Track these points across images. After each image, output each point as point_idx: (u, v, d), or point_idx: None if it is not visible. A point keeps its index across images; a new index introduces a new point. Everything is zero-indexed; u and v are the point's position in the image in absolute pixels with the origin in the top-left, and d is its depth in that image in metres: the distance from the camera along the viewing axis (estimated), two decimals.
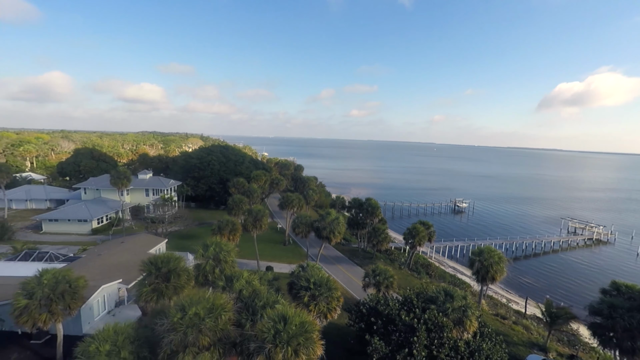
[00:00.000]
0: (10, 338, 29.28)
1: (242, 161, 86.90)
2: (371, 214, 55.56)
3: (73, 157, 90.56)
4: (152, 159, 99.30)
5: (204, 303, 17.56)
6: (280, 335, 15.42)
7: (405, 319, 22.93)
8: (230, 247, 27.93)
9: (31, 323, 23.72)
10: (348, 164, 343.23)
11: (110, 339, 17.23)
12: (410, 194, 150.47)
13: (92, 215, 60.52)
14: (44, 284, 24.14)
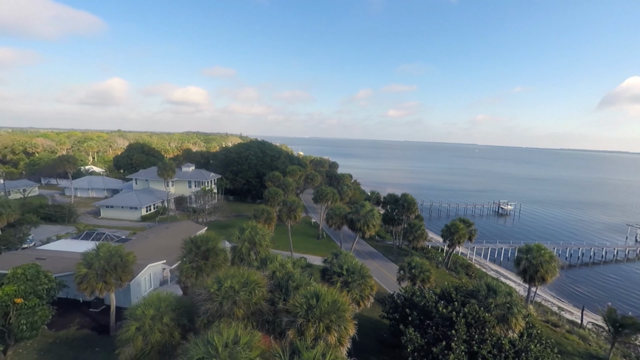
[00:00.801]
0: (74, 305, 32.72)
1: (278, 156, 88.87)
2: (407, 210, 53.73)
3: (126, 152, 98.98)
4: (195, 154, 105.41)
5: (239, 277, 18.07)
6: (313, 311, 15.35)
7: (442, 311, 21.76)
8: (265, 232, 28.53)
9: (89, 290, 26.17)
10: (383, 164, 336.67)
11: (155, 305, 18.40)
12: (449, 195, 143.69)
13: (142, 204, 65.48)
14: (101, 256, 26.51)
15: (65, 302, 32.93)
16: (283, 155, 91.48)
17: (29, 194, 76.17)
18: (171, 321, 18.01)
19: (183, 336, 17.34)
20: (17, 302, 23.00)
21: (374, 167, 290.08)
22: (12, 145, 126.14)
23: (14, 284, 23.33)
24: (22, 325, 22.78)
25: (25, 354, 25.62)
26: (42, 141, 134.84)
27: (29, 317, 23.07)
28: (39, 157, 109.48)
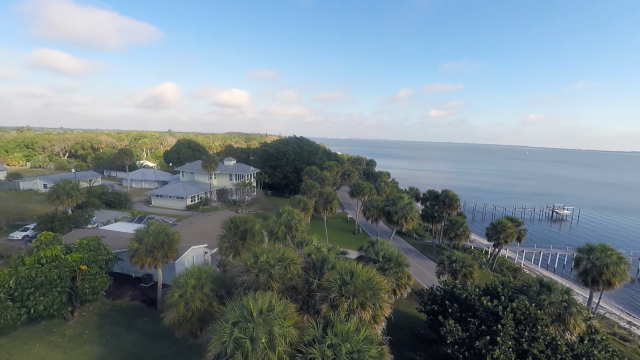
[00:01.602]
0: (128, 279, 35.84)
1: (316, 152, 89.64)
2: (448, 206, 50.98)
3: (175, 147, 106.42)
4: (236, 149, 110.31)
5: (274, 253, 18.33)
6: (347, 287, 15.06)
7: (487, 304, 20.20)
8: (302, 217, 28.75)
9: (140, 264, 28.34)
10: (423, 164, 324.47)
11: (196, 275, 19.35)
12: (495, 197, 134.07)
13: (187, 194, 69.78)
14: (150, 233, 28.59)
15: (121, 276, 36.21)
16: (320, 151, 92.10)
17: (94, 183, 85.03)
18: (210, 291, 18.80)
19: (220, 306, 17.99)
20: (82, 268, 25.64)
21: (413, 167, 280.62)
22: (82, 142, 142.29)
23: (80, 252, 26.03)
24: (86, 289, 25.35)
25: (87, 317, 28.47)
26: (105, 138, 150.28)
27: (91, 282, 25.61)
28: (103, 152, 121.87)
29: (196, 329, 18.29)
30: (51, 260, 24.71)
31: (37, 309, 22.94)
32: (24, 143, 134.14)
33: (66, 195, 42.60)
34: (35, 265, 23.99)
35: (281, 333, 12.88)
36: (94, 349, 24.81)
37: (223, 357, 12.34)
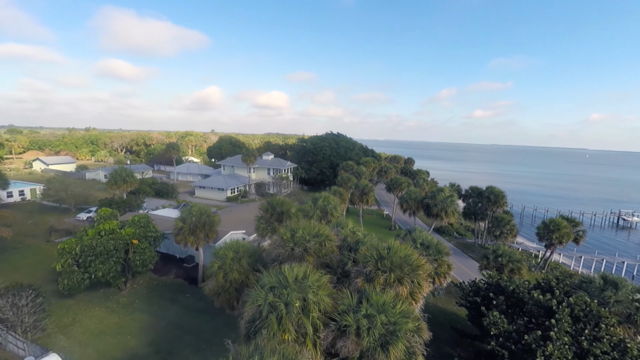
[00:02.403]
0: (172, 259, 38.31)
1: (352, 148, 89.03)
2: (494, 203, 47.49)
3: (217, 143, 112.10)
4: (274, 145, 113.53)
5: (310, 229, 18.35)
6: (383, 262, 14.60)
7: (538, 297, 18.43)
8: (338, 203, 28.56)
9: (183, 242, 30.06)
10: (465, 166, 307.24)
11: (234, 249, 20.03)
12: (547, 201, 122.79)
13: (227, 186, 72.96)
14: (193, 214, 30.19)
15: (167, 256, 38.78)
16: (357, 147, 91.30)
17: (145, 175, 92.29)
18: (247, 265, 19.34)
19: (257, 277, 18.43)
20: (134, 242, 27.82)
21: (453, 168, 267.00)
22: (136, 139, 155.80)
23: (132, 227, 28.29)
24: (137, 261, 27.43)
25: (138, 289, 30.85)
26: (156, 136, 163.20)
27: (141, 255, 27.69)
28: (154, 148, 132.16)
29: (233, 299, 18.91)
30: (109, 233, 27.15)
31: (97, 274, 25.30)
32: (90, 140, 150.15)
33: (122, 181, 46.68)
34: (95, 237, 26.53)
35: (315, 300, 12.80)
36: (143, 316, 26.82)
37: (258, 319, 12.55)
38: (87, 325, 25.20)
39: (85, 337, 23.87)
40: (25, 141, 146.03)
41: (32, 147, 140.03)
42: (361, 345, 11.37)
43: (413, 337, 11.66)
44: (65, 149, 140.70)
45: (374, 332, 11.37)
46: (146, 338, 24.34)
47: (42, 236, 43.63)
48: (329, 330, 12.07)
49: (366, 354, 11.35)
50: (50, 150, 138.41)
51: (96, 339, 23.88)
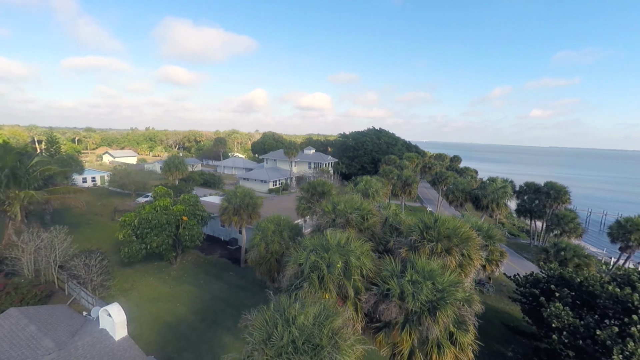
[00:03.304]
0: (218, 241, 40.37)
1: (395, 143, 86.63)
2: (554, 199, 42.66)
3: (261, 139, 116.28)
4: (315, 141, 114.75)
5: (352, 203, 18.00)
6: (430, 232, 13.75)
7: (614, 291, 16.08)
8: (379, 187, 27.80)
9: (228, 222, 31.39)
10: (519, 168, 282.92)
11: (275, 222, 20.35)
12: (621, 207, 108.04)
13: (270, 178, 75.14)
14: (238, 195, 31.42)
15: (212, 238, 40.99)
16: (400, 143, 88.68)
17: (195, 167, 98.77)
18: (288, 237, 19.52)
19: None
20: (184, 219, 29.67)
21: (505, 170, 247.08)
22: (188, 136, 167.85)
23: (183, 205, 30.23)
24: (186, 236, 29.22)
25: (186, 264, 32.93)
26: (205, 133, 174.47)
27: (190, 231, 29.44)
28: (203, 144, 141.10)
29: (274, 270, 19.20)
30: (163, 209, 29.30)
31: (152, 245, 27.42)
32: (149, 137, 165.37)
33: (175, 168, 50.34)
34: (151, 211, 28.78)
35: (357, 265, 12.44)
36: (190, 288, 28.53)
37: (299, 278, 12.51)
38: (143, 291, 27.44)
39: (142, 301, 25.99)
40: (98, 138, 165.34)
41: (102, 144, 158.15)
42: (405, 309, 10.76)
43: (463, 306, 10.76)
44: (128, 145, 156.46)
45: (419, 297, 10.69)
46: (193, 307, 25.84)
47: (108, 215, 48.62)
48: (371, 293, 11.64)
49: (411, 319, 10.71)
50: (117, 146, 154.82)
51: (150, 303, 25.89)
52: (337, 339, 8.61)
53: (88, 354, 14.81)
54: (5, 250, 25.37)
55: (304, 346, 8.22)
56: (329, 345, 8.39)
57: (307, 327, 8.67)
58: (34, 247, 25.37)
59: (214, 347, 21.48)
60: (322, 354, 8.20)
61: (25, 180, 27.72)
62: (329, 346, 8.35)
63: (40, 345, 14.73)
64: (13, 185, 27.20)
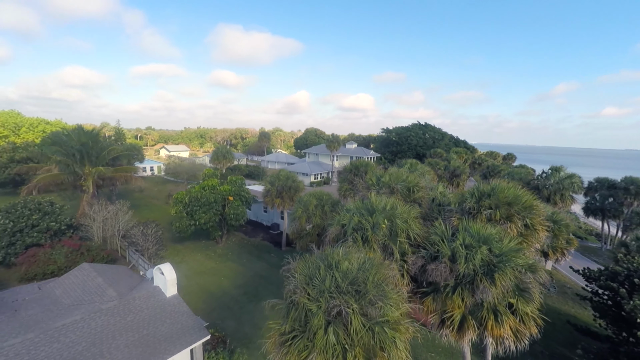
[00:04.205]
0: (260, 226, 41.64)
1: (441, 138, 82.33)
2: (635, 196, 37.08)
3: (304, 135, 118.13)
4: (358, 137, 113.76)
5: (397, 176, 17.22)
6: (487, 200, 12.54)
7: None
8: (425, 170, 26.41)
9: (271, 203, 32.11)
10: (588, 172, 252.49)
11: (318, 197, 20.24)
12: None
13: (311, 171, 75.81)
14: (281, 178, 32.01)
15: (256, 223, 42.35)
16: (447, 138, 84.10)
17: (240, 162, 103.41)
18: (330, 212, 19.27)
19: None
20: (230, 199, 30.93)
21: None
22: (235, 133, 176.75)
23: (229, 185, 31.57)
24: (231, 215, 30.43)
25: (231, 244, 34.36)
26: (250, 130, 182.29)
27: (235, 210, 30.61)
28: (248, 140, 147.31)
29: (315, 244, 19.06)
30: (211, 189, 30.85)
31: (200, 221, 28.98)
32: (200, 135, 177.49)
33: (222, 157, 53.07)
34: (200, 190, 30.46)
35: (404, 228, 11.76)
36: (234, 265, 29.66)
37: (342, 239, 12.17)
38: (191, 265, 29.12)
39: (190, 273, 27.58)
40: (156, 136, 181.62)
41: (160, 141, 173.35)
42: (456, 272, 9.87)
43: (525, 273, 9.57)
44: (182, 141, 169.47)
45: (473, 259, 9.73)
46: (236, 282, 26.80)
47: (163, 199, 52.70)
48: (419, 255, 10.89)
49: (463, 282, 9.79)
50: (172, 142, 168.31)
51: (197, 276, 27.38)
52: (383, 287, 8.13)
53: (144, 305, 15.97)
54: (80, 218, 28.56)
55: (347, 287, 7.85)
56: (374, 290, 7.93)
57: (351, 272, 8.30)
58: (102, 218, 28.25)
59: (254, 318, 22.02)
60: (366, 297, 7.76)
61: (96, 159, 30.97)
62: (374, 290, 7.89)
63: (105, 293, 16.23)
64: (86, 162, 30.54)
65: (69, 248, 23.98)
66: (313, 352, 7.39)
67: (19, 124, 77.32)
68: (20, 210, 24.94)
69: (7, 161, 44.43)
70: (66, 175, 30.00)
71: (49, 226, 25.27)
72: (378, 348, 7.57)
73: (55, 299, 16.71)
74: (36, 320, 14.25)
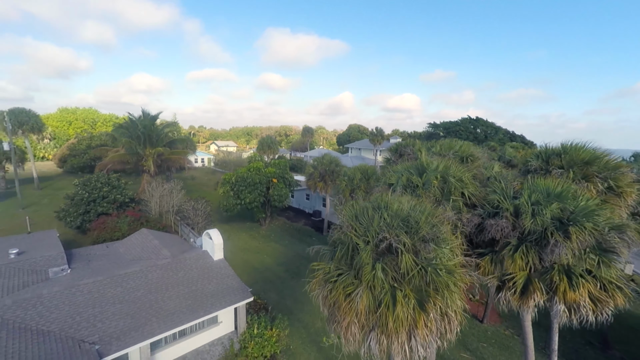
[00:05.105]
0: (303, 213, 42.12)
1: (495, 133, 76.32)
2: None
3: (346, 131, 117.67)
4: (402, 132, 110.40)
5: (450, 144, 16.15)
6: (552, 160, 11.12)
7: None
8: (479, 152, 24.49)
9: (313, 187, 32.19)
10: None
11: (362, 170, 19.76)
12: None
13: (353, 165, 75.19)
14: (324, 162, 31.98)
15: (298, 210, 42.93)
16: (501, 132, 77.66)
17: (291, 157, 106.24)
18: (375, 185, 18.68)
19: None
20: (274, 181, 31.66)
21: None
22: (279, 131, 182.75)
23: (273, 167, 32.34)
24: (275, 196, 31.12)
25: (273, 227, 35.20)
26: (294, 127, 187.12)
27: (278, 192, 31.26)
28: (292, 137, 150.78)
29: None
30: (256, 170, 31.88)
31: (245, 201, 30.07)
32: (246, 132, 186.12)
33: (267, 147, 54.69)
34: (246, 172, 31.62)
35: (458, 187, 10.87)
36: (277, 246, 30.30)
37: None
38: (237, 243, 30.32)
39: (235, 250, 28.74)
40: (207, 134, 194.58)
41: (210, 138, 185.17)
42: (521, 227, 8.81)
43: (609, 232, 8.21)
44: (230, 139, 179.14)
45: (542, 214, 8.61)
46: (278, 260, 27.32)
47: (212, 187, 55.87)
48: (475, 213, 9.96)
49: (528, 239, 8.71)
50: (221, 139, 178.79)
51: (242, 252, 28.41)
52: (439, 227, 7.50)
53: (193, 264, 16.89)
54: (141, 194, 31.32)
55: (398, 223, 7.37)
56: (428, 227, 7.34)
57: (401, 212, 7.79)
58: (159, 194, 30.66)
59: (295, 293, 22.19)
60: (419, 234, 7.21)
61: (155, 141, 33.69)
62: (427, 227, 7.31)
63: (160, 253, 17.48)
64: (147, 144, 33.37)
65: (131, 217, 26.37)
66: (360, 287, 7.04)
67: (96, 119, 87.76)
68: (94, 183, 28.00)
69: (86, 147, 50.45)
70: (130, 155, 33.08)
71: (116, 198, 28.02)
72: (431, 289, 6.98)
73: (119, 255, 18.42)
74: (104, 268, 15.78)
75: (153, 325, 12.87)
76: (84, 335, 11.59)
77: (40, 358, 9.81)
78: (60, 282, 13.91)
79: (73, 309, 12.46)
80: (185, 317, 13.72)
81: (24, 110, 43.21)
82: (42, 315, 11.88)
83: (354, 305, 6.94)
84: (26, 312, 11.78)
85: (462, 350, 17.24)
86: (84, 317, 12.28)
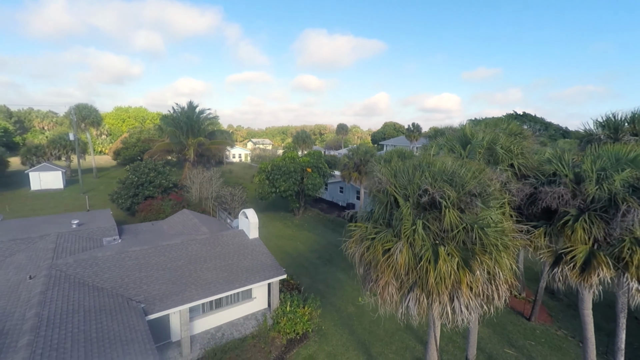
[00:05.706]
0: (336, 205, 41.90)
1: (545, 129, 70.32)
2: None
3: (381, 129, 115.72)
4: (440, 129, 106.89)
5: (497, 122, 15.07)
6: (622, 127, 9.86)
7: None
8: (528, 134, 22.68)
9: (347, 178, 31.93)
10: None
11: (399, 153, 19.12)
12: None
13: None
14: (359, 152, 31.57)
15: (331, 203, 42.84)
16: (552, 128, 71.37)
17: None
18: None
19: None
20: (308, 170, 31.85)
21: None
22: (314, 129, 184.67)
23: (308, 157, 32.56)
24: (309, 185, 31.28)
25: (307, 217, 35.43)
26: (328, 126, 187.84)
27: (312, 181, 31.39)
28: (326, 136, 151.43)
29: None
30: (291, 159, 32.30)
31: (280, 189, 30.58)
32: (282, 131, 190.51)
33: (302, 142, 55.33)
34: (282, 161, 32.15)
35: (506, 157, 10.07)
36: (310, 234, 30.42)
37: None
38: (271, 230, 30.93)
39: (269, 236, 29.32)
40: (244, 132, 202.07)
41: (247, 137, 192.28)
42: (583, 195, 7.88)
43: None
44: (265, 137, 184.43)
45: (610, 180, 7.63)
46: (311, 247, 27.41)
47: (248, 179, 57.74)
48: (526, 182, 9.12)
49: (592, 207, 7.76)
50: (257, 138, 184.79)
51: (276, 238, 28.91)
52: (487, 183, 6.95)
53: (230, 241, 17.44)
54: (183, 180, 33.11)
55: (442, 177, 6.93)
56: (474, 182, 6.81)
57: (446, 170, 7.33)
58: (199, 181, 32.20)
59: (328, 279, 22.08)
60: (465, 188, 6.72)
61: (197, 131, 35.45)
62: (474, 182, 6.79)
63: (200, 230, 18.30)
64: (189, 134, 35.23)
65: (174, 201, 27.97)
66: (399, 242, 6.70)
67: (145, 117, 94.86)
68: (142, 168, 30.11)
69: (136, 140, 54.63)
70: (174, 144, 35.14)
71: (161, 183, 29.90)
72: (478, 248, 6.45)
73: (162, 231, 19.57)
74: (149, 240, 16.85)
75: (192, 292, 13.45)
76: (131, 294, 12.42)
77: (96, 307, 10.66)
78: (112, 248, 15.07)
79: (123, 272, 13.41)
80: (222, 287, 14.17)
81: (86, 106, 48.01)
82: (97, 274, 12.92)
83: (393, 261, 6.63)
84: (84, 270, 12.89)
85: (507, 346, 15.99)
86: (131, 279, 13.17)
